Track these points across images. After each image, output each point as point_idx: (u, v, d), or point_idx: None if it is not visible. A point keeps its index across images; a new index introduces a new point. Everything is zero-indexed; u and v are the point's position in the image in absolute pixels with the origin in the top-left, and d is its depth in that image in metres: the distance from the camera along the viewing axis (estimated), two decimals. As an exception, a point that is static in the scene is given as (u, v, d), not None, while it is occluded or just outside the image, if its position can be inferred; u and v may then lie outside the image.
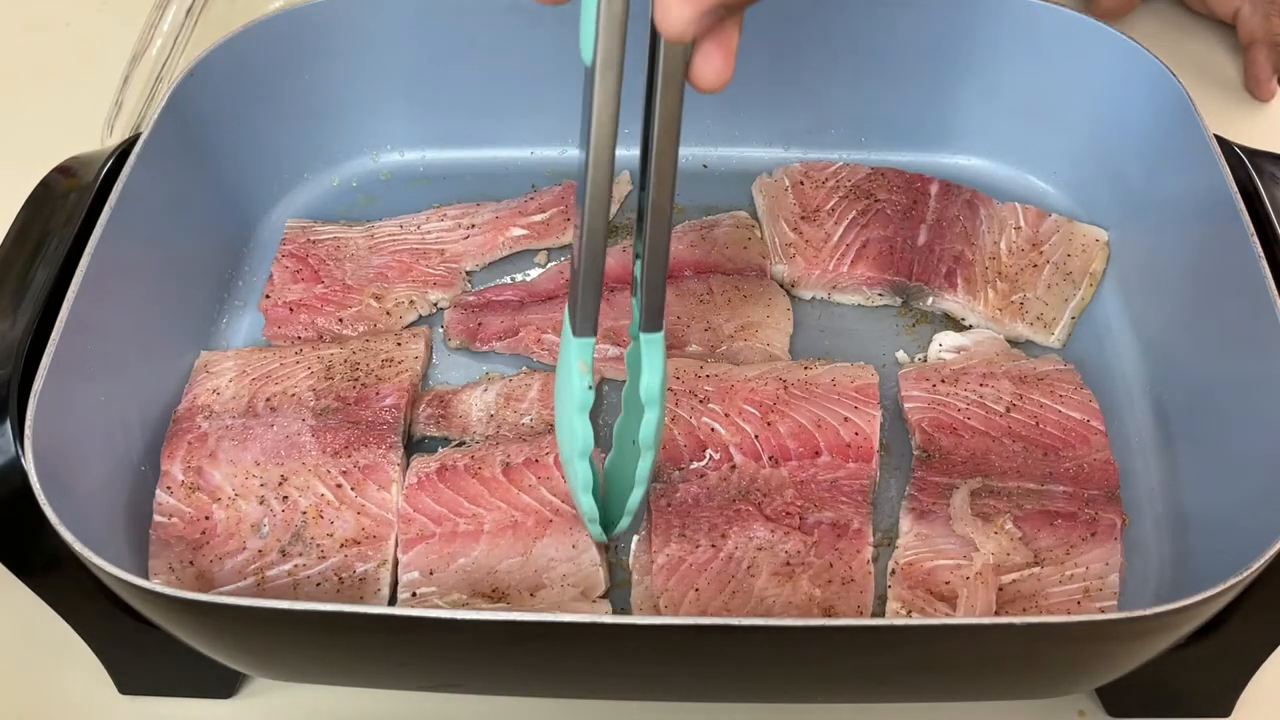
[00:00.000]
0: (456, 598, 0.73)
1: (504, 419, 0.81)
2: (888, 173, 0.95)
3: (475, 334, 0.87)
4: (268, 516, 0.76)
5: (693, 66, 0.57)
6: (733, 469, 0.78)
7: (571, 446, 0.67)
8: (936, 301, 0.89)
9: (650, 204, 0.62)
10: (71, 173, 0.79)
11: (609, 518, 0.72)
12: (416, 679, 0.71)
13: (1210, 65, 1.14)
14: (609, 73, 0.56)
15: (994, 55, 0.93)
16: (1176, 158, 0.84)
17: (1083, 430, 0.79)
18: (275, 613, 0.59)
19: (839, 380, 0.81)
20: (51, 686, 0.77)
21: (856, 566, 0.74)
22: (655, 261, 0.64)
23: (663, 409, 0.68)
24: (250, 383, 0.81)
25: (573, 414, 0.66)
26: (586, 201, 0.60)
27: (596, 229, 0.61)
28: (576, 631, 0.60)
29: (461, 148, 0.99)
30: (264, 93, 0.91)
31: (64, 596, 0.69)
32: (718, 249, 0.91)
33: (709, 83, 0.57)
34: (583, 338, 0.65)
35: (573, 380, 0.65)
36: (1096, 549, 0.74)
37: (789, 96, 0.97)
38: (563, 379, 0.68)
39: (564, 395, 0.68)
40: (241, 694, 0.76)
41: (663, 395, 0.67)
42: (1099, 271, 0.90)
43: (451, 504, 0.76)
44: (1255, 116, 1.10)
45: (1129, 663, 0.66)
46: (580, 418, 0.66)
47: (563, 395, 0.68)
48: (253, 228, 0.94)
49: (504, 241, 0.93)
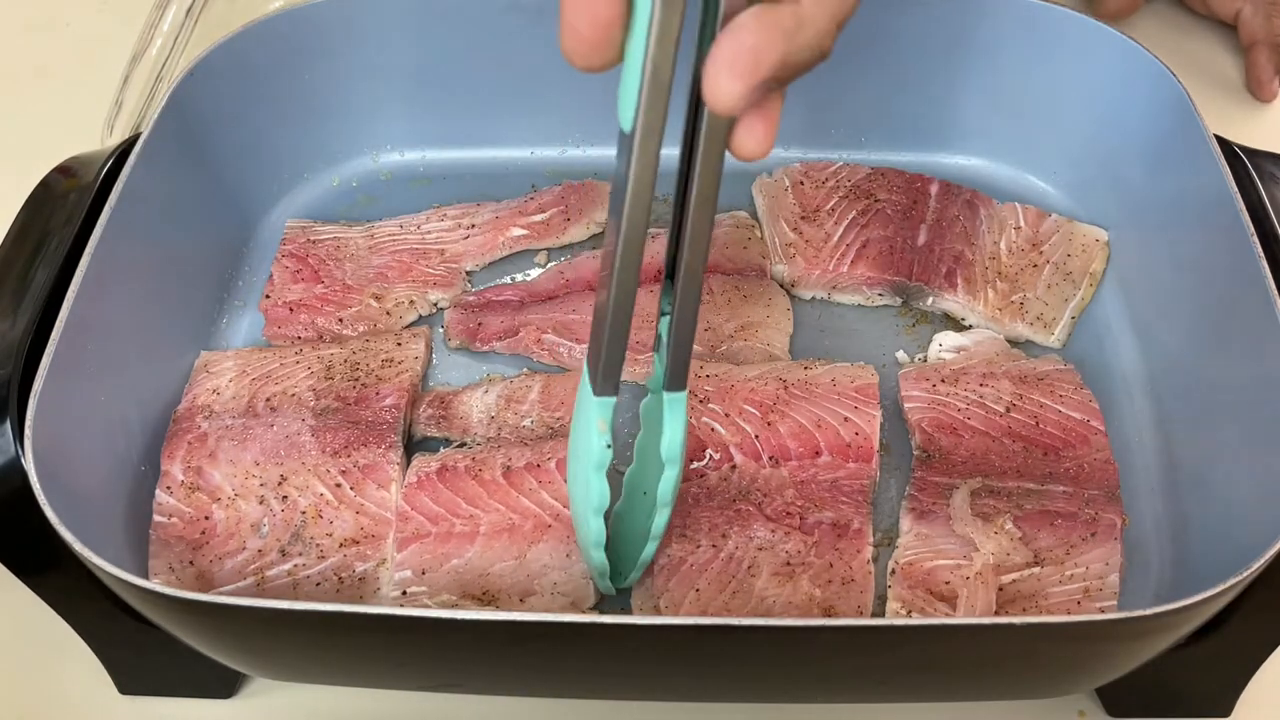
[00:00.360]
0: (446, 598, 0.73)
1: (504, 421, 0.81)
2: (888, 173, 0.95)
3: (475, 334, 0.87)
4: (267, 516, 0.76)
5: (735, 136, 0.56)
6: (733, 469, 0.78)
7: (586, 504, 0.66)
8: (936, 301, 0.89)
9: (684, 264, 0.61)
10: (71, 173, 0.79)
11: (617, 568, 0.72)
12: (416, 679, 0.71)
13: (1210, 65, 1.14)
14: (649, 141, 0.55)
15: (994, 55, 0.93)
16: (1176, 158, 0.84)
17: (1083, 430, 0.79)
18: (275, 613, 0.59)
19: (839, 380, 0.81)
20: (51, 686, 0.77)
21: (856, 566, 0.74)
22: (684, 321, 0.63)
23: (682, 466, 0.67)
24: (250, 383, 0.81)
25: (590, 471, 0.65)
26: (618, 263, 0.58)
27: (626, 291, 0.60)
28: (576, 631, 0.60)
29: (461, 148, 0.99)
30: (264, 93, 0.91)
31: (64, 596, 0.69)
32: (717, 249, 0.91)
33: (750, 153, 0.56)
34: (604, 397, 0.63)
35: (591, 440, 0.64)
36: (1096, 549, 0.74)
37: (789, 96, 0.96)
38: (579, 436, 0.67)
39: (580, 452, 0.66)
40: (241, 694, 0.76)
41: (683, 453, 0.67)
42: (1099, 271, 0.90)
43: (449, 504, 0.76)
44: (1255, 116, 1.10)
45: (1129, 663, 0.66)
46: (597, 475, 0.65)
47: (579, 451, 0.67)
48: (253, 228, 0.94)
49: (504, 241, 0.93)
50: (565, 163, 0.99)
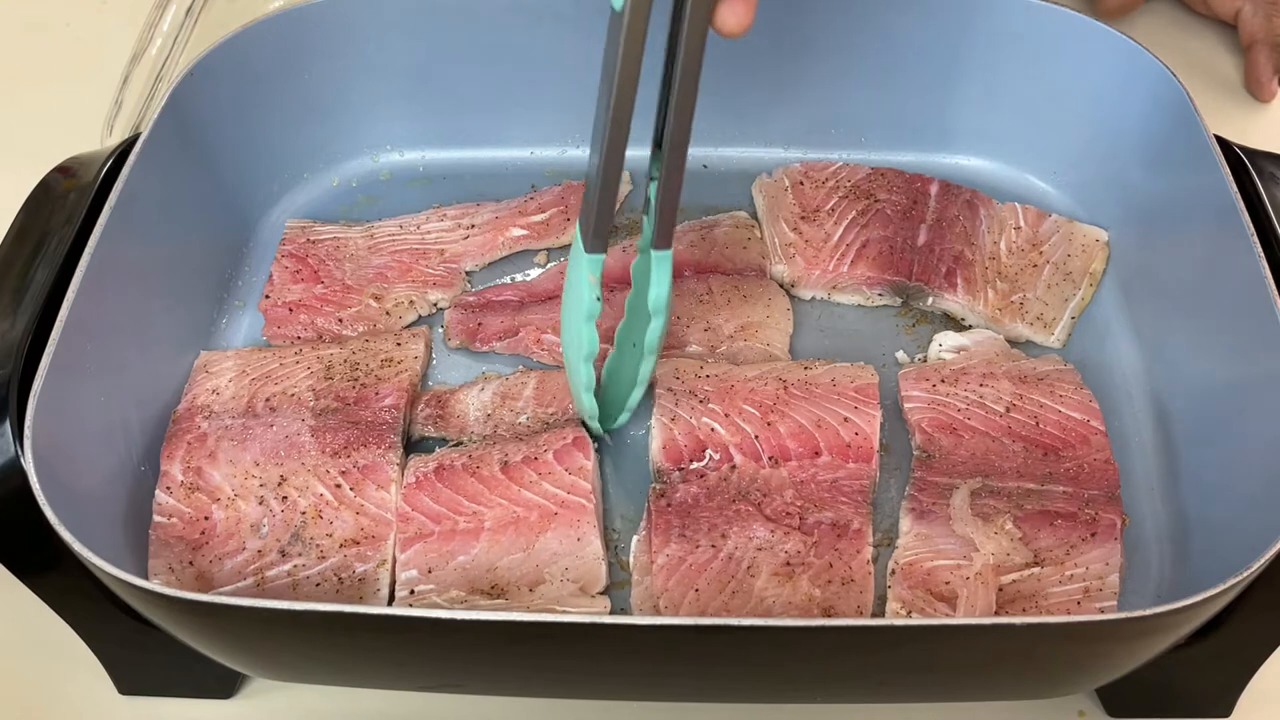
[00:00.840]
0: (455, 595, 0.73)
1: (500, 418, 0.81)
2: (887, 173, 0.95)
3: (475, 334, 0.87)
4: (267, 517, 0.76)
5: (717, 14, 0.64)
6: (733, 469, 0.78)
7: (578, 352, 0.75)
8: (936, 301, 0.89)
9: (669, 135, 0.69)
10: (71, 173, 0.79)
11: (607, 413, 0.81)
12: (416, 679, 0.71)
13: (1210, 65, 1.14)
14: (638, 19, 0.62)
15: (994, 55, 0.93)
16: (1176, 158, 0.84)
17: (1083, 430, 0.79)
18: (275, 613, 0.59)
19: (839, 380, 0.81)
20: (52, 686, 0.77)
21: (856, 566, 0.74)
22: (670, 186, 0.71)
23: (668, 318, 0.76)
24: (250, 383, 0.81)
25: (580, 322, 0.73)
26: (608, 124, 0.66)
27: (615, 151, 0.67)
28: (576, 632, 0.60)
29: (461, 148, 0.99)
30: (264, 93, 0.91)
31: (64, 596, 0.69)
32: (717, 249, 0.91)
33: (732, 29, 0.64)
34: (594, 254, 0.72)
35: (583, 292, 0.72)
36: (1096, 549, 0.74)
37: (789, 96, 0.97)
38: (572, 290, 0.75)
39: (572, 305, 0.75)
40: (241, 694, 0.76)
41: (668, 306, 0.75)
42: (1099, 271, 0.90)
43: (450, 503, 0.76)
44: (1255, 116, 1.10)
45: (1129, 663, 0.66)
46: (588, 326, 0.73)
47: (570, 305, 0.76)
48: (253, 228, 0.94)
49: (504, 241, 0.93)
50: (565, 163, 0.99)
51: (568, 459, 0.77)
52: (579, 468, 0.76)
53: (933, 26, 0.93)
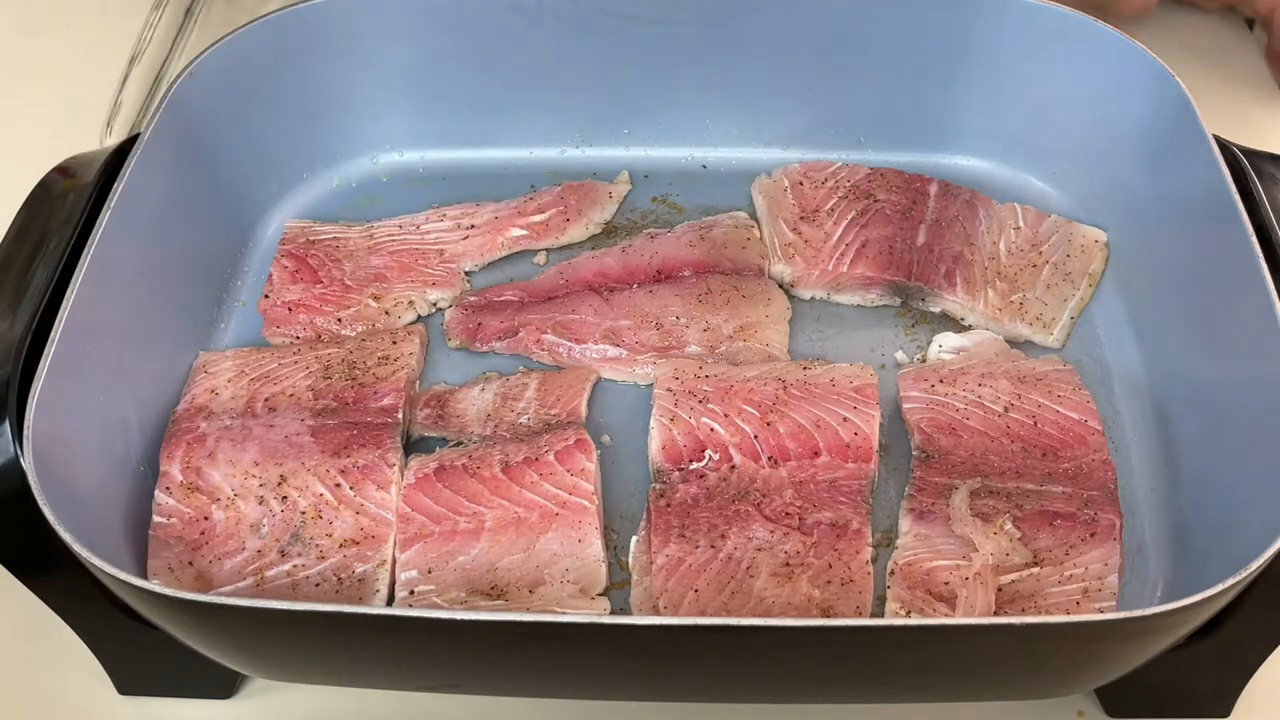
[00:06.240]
0: (454, 595, 0.73)
1: (501, 418, 0.81)
2: (887, 173, 0.95)
3: (475, 334, 0.87)
4: (266, 517, 0.76)
5: None
6: (732, 469, 0.78)
7: None
8: (936, 301, 0.89)
9: None
10: (71, 173, 0.79)
11: None
12: (416, 679, 0.71)
13: (1211, 65, 1.13)
14: None
15: (994, 55, 0.93)
16: (1176, 158, 0.84)
17: (1081, 430, 0.79)
18: (274, 613, 0.59)
19: (838, 380, 0.81)
20: (52, 687, 0.77)
21: (856, 567, 0.74)
22: None
23: None
24: (249, 383, 0.81)
25: None
26: None
27: None
28: (576, 632, 0.60)
29: (461, 148, 0.99)
30: (264, 93, 0.91)
31: (64, 597, 0.69)
32: (717, 249, 0.91)
33: None
34: None
35: None
36: (1095, 549, 0.74)
37: (789, 96, 0.97)
38: None
39: None
40: (241, 694, 0.76)
41: None
42: (1098, 272, 0.90)
43: (451, 503, 0.76)
44: (1255, 116, 1.10)
45: (1129, 663, 0.66)
46: None
47: None
48: (253, 228, 0.94)
49: (503, 242, 0.93)
50: (564, 163, 0.99)
51: (570, 460, 0.77)
52: (581, 469, 0.76)
53: (933, 27, 0.93)
